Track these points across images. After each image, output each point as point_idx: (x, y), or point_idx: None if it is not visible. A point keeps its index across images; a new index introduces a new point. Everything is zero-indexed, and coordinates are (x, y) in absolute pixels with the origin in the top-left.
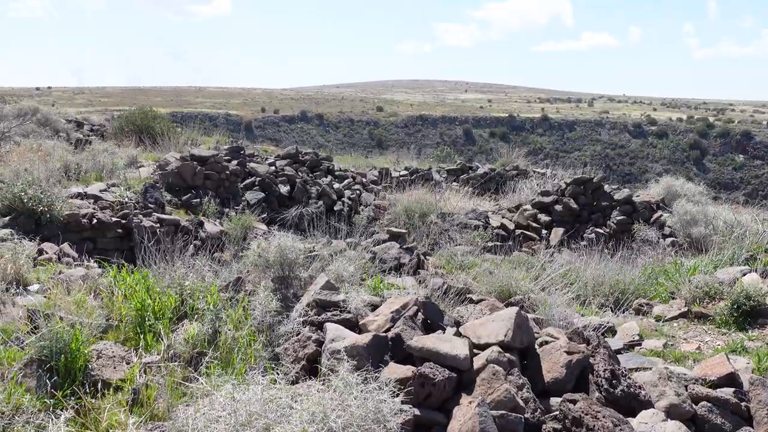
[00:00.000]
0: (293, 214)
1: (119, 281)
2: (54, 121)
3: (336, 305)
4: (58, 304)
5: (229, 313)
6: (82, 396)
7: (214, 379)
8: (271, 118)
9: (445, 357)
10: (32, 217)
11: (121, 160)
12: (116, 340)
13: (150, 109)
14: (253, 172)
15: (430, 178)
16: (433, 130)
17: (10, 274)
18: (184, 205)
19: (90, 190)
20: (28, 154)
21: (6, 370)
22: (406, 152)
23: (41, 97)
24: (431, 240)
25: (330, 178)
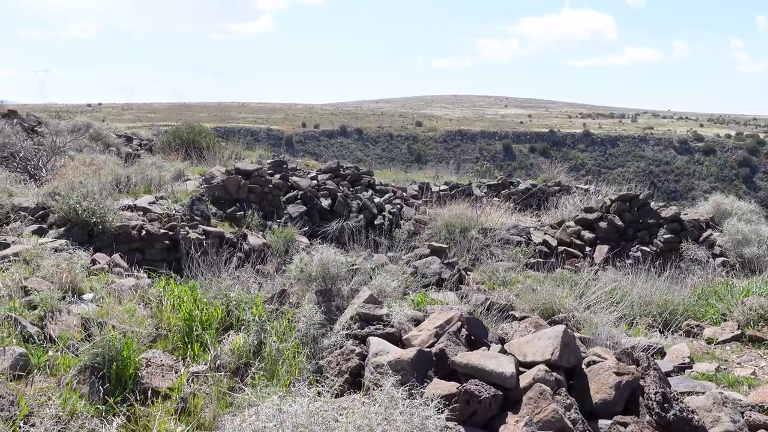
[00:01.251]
0: (334, 228)
1: (168, 292)
2: (105, 136)
3: (379, 319)
4: (110, 312)
5: (274, 325)
6: (134, 403)
7: (260, 390)
8: (311, 133)
9: (491, 374)
10: (86, 228)
11: (169, 173)
12: (165, 349)
13: (196, 124)
14: (295, 185)
15: (471, 194)
16: (472, 145)
17: (66, 282)
18: (229, 217)
19: (139, 203)
20: (81, 167)
21: (62, 376)
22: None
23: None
24: (472, 255)
25: (371, 193)
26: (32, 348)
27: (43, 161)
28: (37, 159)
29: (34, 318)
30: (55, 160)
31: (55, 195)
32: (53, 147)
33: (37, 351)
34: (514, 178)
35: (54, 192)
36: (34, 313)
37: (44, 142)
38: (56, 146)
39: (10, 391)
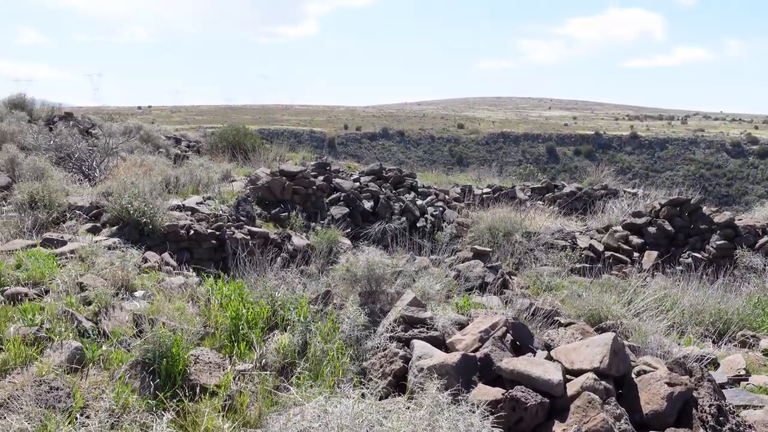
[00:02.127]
0: (376, 230)
1: (215, 290)
2: (155, 137)
3: (423, 322)
4: (160, 310)
5: (319, 325)
6: (183, 399)
7: (305, 390)
8: (353, 135)
9: (537, 381)
10: (137, 228)
11: (216, 174)
12: (212, 347)
13: (242, 127)
14: (338, 187)
15: (514, 197)
16: (515, 148)
17: (119, 280)
18: (273, 218)
19: (187, 203)
20: (133, 168)
21: (115, 370)
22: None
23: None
24: (516, 259)
25: (413, 195)
26: (87, 342)
27: (97, 162)
28: (91, 160)
29: (89, 313)
30: (108, 161)
31: (108, 195)
32: (106, 148)
33: (91, 345)
34: (559, 181)
35: (107, 192)
36: (89, 308)
37: (98, 143)
38: (109, 147)
39: (67, 384)
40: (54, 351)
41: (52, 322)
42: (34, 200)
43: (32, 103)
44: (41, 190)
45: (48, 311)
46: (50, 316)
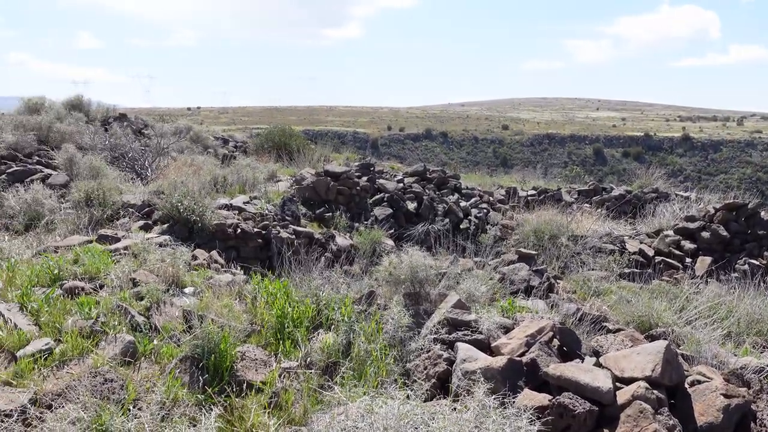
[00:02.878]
0: (420, 231)
1: (262, 289)
2: (204, 138)
3: (467, 325)
4: (209, 306)
5: (363, 325)
6: (230, 394)
7: (349, 389)
8: (396, 136)
9: (586, 388)
10: (186, 226)
11: (262, 174)
12: (258, 344)
13: (288, 128)
14: (381, 188)
15: (560, 199)
16: (560, 149)
17: (170, 276)
18: (318, 218)
19: (235, 202)
20: (183, 168)
21: (165, 364)
22: (531, 171)
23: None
24: (561, 263)
25: (457, 196)
26: (139, 336)
27: (149, 161)
28: (144, 159)
29: (141, 308)
30: (159, 161)
31: (159, 193)
32: (158, 148)
33: (143, 339)
34: (606, 184)
35: (158, 190)
36: (141, 303)
37: (150, 143)
38: (161, 147)
39: (120, 376)
40: (108, 344)
41: (106, 315)
42: (90, 198)
43: (89, 104)
44: (97, 189)
45: (103, 305)
46: (105, 310)
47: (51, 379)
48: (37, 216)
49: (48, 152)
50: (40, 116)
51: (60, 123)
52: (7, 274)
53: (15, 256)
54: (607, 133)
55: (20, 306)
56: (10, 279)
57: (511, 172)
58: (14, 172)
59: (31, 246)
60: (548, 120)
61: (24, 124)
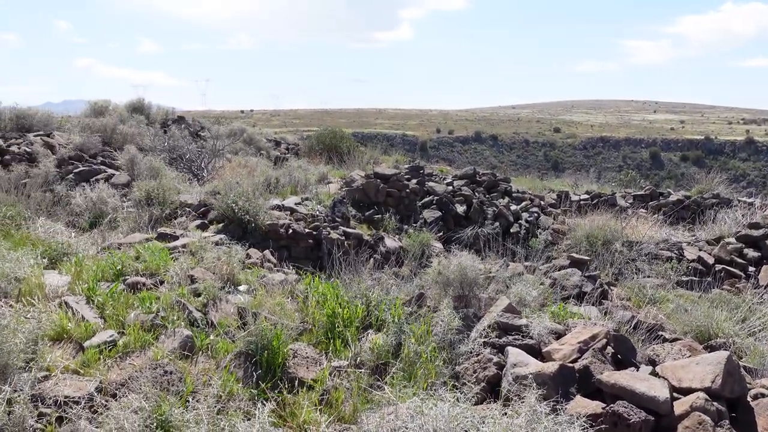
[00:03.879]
0: (469, 234)
1: (313, 288)
2: (257, 140)
3: (518, 329)
4: (262, 304)
5: (412, 327)
6: (283, 391)
7: (399, 390)
8: (445, 139)
9: (641, 397)
10: (241, 225)
11: (313, 176)
12: (309, 342)
13: (338, 130)
14: (431, 191)
15: (614, 204)
16: (615, 153)
17: (225, 274)
18: (367, 220)
19: (287, 203)
20: (237, 169)
21: (221, 359)
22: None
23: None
24: (615, 269)
25: (507, 200)
26: (196, 331)
27: (205, 162)
28: (200, 160)
29: (198, 304)
30: (214, 162)
31: (215, 194)
32: (214, 150)
33: (200, 334)
34: (664, 189)
35: (214, 191)
36: (198, 299)
37: (206, 145)
38: (216, 149)
39: (179, 369)
40: (168, 338)
41: (166, 310)
42: (150, 197)
43: (150, 107)
44: (156, 189)
45: (163, 300)
46: (165, 305)
47: (115, 369)
48: (101, 214)
49: (111, 153)
50: (104, 118)
51: (123, 125)
52: (75, 269)
53: (82, 251)
54: (665, 136)
55: (87, 299)
56: (78, 273)
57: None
58: (81, 171)
59: (96, 242)
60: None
61: (90, 126)
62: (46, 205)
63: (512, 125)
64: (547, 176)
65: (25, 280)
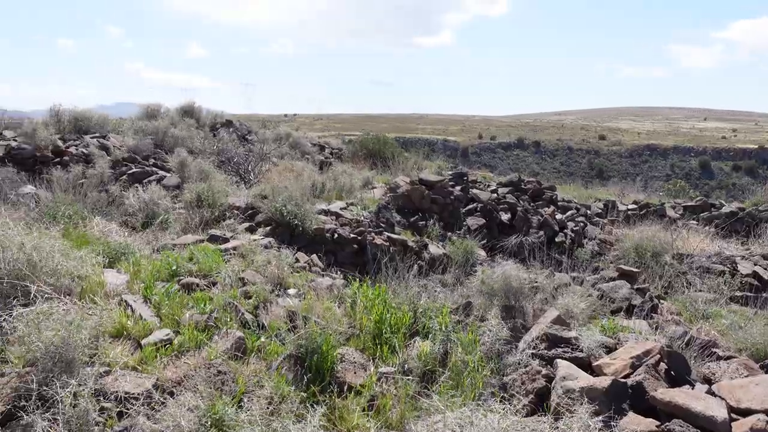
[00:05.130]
0: (513, 243)
1: (360, 294)
2: (302, 144)
3: (567, 342)
4: (311, 308)
5: (459, 336)
6: (334, 394)
7: (447, 398)
8: (487, 145)
9: (697, 416)
10: (288, 229)
11: (357, 181)
12: (356, 347)
13: (382, 136)
14: (475, 198)
15: (664, 214)
16: (662, 162)
17: (275, 277)
18: (411, 226)
19: (332, 208)
20: (284, 173)
21: (271, 361)
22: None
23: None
24: (665, 282)
25: (552, 208)
26: (248, 333)
27: (252, 166)
28: (247, 164)
29: (249, 306)
30: (261, 165)
31: (263, 197)
32: (260, 153)
33: (251, 336)
34: (715, 199)
35: (261, 194)
36: (249, 302)
37: (253, 148)
38: (263, 153)
39: (231, 369)
40: (221, 338)
41: (219, 311)
42: (200, 199)
43: (200, 111)
44: (206, 191)
45: (216, 302)
46: (218, 306)
47: (170, 367)
48: (153, 214)
49: (163, 155)
50: (156, 122)
51: (174, 128)
52: (133, 268)
53: (138, 251)
54: (716, 145)
55: (144, 298)
56: (135, 273)
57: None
58: (134, 173)
59: (150, 243)
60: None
61: (143, 129)
62: (101, 205)
63: (556, 132)
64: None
65: (86, 278)
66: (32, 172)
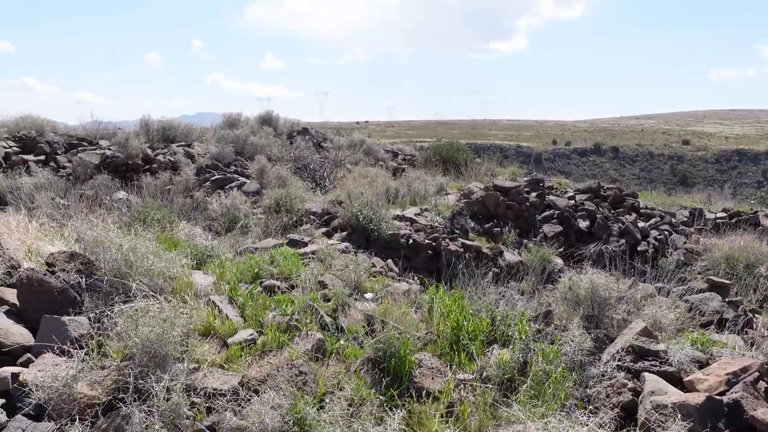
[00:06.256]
0: (592, 251)
1: (437, 299)
2: (375, 151)
3: (655, 355)
4: (388, 312)
5: (540, 345)
6: (413, 399)
7: (528, 409)
8: (561, 151)
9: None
10: (364, 234)
11: (431, 187)
12: (433, 353)
13: (456, 142)
14: (552, 204)
15: (757, 223)
16: (753, 167)
17: (352, 281)
18: (486, 232)
19: (407, 213)
20: (359, 179)
21: (350, 363)
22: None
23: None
24: (760, 295)
25: (634, 216)
26: (327, 335)
27: (327, 172)
28: (323, 170)
29: (328, 309)
30: (336, 172)
31: (338, 203)
32: (335, 160)
33: (330, 338)
34: None
35: (336, 200)
36: (328, 305)
37: (328, 155)
38: (338, 159)
39: (311, 370)
40: (301, 339)
41: (299, 313)
42: (279, 205)
43: (277, 119)
44: (284, 197)
45: (296, 304)
46: (298, 309)
47: (254, 366)
48: (234, 219)
49: (243, 162)
50: (237, 130)
51: (253, 136)
52: (218, 270)
53: (222, 254)
54: None
55: (229, 299)
56: (221, 274)
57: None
58: (216, 179)
59: (232, 246)
60: (738, 134)
61: (224, 137)
62: (187, 210)
63: (635, 137)
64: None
65: (177, 278)
66: (124, 179)
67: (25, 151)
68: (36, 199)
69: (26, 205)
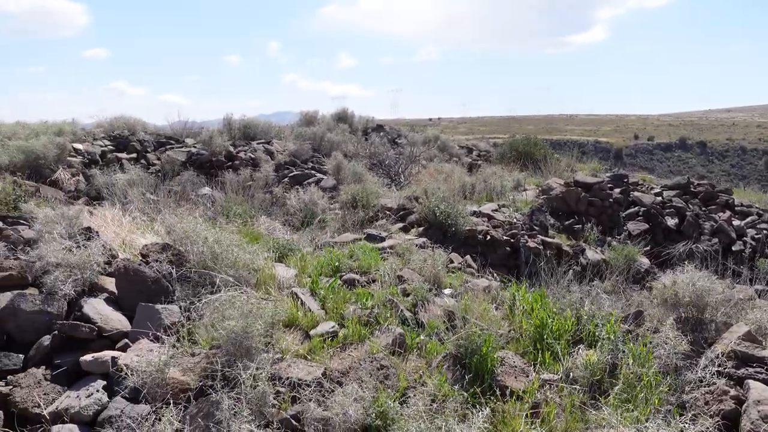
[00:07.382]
0: (680, 250)
1: (519, 297)
2: (450, 147)
3: (760, 361)
4: (469, 309)
5: (631, 347)
6: (494, 398)
7: (620, 412)
8: (643, 146)
9: None
10: (441, 229)
11: (508, 183)
12: (516, 351)
13: (533, 137)
14: (637, 201)
15: None
16: None
17: (431, 277)
18: (566, 229)
19: (483, 209)
20: (434, 175)
21: (431, 359)
22: None
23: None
24: None
25: (728, 214)
26: (407, 330)
27: (402, 168)
28: (398, 166)
29: (407, 304)
30: (411, 168)
31: (415, 198)
32: (410, 156)
33: (411, 333)
34: None
35: (412, 195)
36: (407, 299)
37: (403, 151)
38: (413, 155)
39: (392, 364)
40: (382, 333)
41: (379, 307)
42: (355, 200)
43: (352, 116)
44: (360, 192)
45: (376, 298)
46: (378, 302)
47: (336, 358)
48: (312, 214)
49: (320, 159)
50: (314, 127)
51: (330, 133)
52: (300, 263)
53: (302, 248)
54: None
55: (311, 291)
56: (302, 268)
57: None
58: (294, 175)
59: (312, 240)
60: None
61: (302, 135)
62: (266, 205)
63: (725, 131)
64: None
65: (260, 270)
66: (208, 175)
67: (118, 149)
68: (128, 195)
69: (120, 200)
